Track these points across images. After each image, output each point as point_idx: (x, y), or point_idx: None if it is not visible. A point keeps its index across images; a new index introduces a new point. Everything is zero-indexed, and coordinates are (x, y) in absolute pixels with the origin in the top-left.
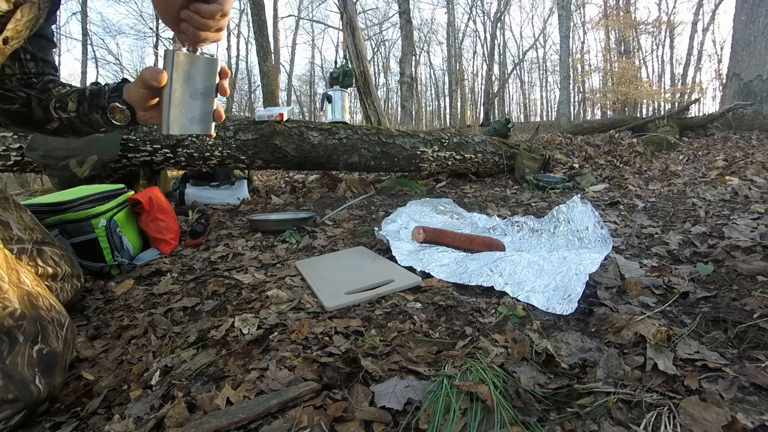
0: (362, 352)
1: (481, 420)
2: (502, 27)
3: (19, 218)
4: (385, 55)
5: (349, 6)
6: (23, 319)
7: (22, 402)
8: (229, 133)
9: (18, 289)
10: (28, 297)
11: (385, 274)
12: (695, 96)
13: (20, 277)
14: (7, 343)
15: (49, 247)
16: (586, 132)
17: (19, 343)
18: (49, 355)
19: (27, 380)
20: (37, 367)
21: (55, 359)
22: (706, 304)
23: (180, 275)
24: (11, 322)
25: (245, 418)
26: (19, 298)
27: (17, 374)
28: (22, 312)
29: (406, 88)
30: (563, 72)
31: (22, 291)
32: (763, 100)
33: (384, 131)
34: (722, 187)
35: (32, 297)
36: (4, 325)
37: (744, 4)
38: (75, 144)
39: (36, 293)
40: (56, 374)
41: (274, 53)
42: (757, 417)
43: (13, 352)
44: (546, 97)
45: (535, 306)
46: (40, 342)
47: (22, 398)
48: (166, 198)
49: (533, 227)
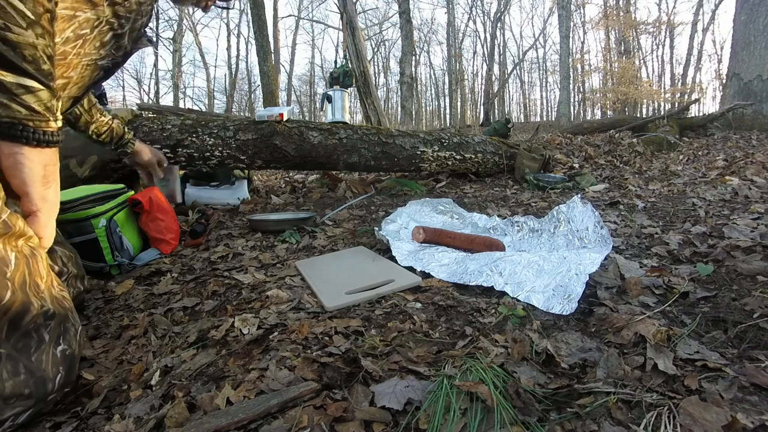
0: (362, 352)
1: (481, 420)
2: (502, 27)
3: None
4: (385, 55)
5: (349, 6)
6: (52, 319)
7: (34, 399)
8: (229, 133)
9: (49, 290)
10: (56, 300)
11: (385, 274)
12: (695, 96)
13: (53, 281)
14: (36, 341)
15: (60, 248)
16: (586, 132)
17: (45, 342)
18: (70, 355)
19: (47, 378)
20: (61, 365)
21: (73, 361)
22: (706, 304)
23: (180, 275)
24: (42, 321)
25: (245, 418)
26: (51, 299)
27: (39, 371)
28: (53, 312)
29: (406, 88)
30: (563, 72)
31: (52, 293)
32: (763, 100)
33: (384, 131)
34: (722, 187)
35: (59, 300)
36: (37, 323)
37: (744, 4)
38: (75, 144)
39: (61, 297)
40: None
41: (274, 53)
42: (757, 417)
43: (39, 350)
44: (546, 97)
45: (535, 306)
46: (63, 343)
47: (35, 395)
48: (166, 198)
49: (533, 227)
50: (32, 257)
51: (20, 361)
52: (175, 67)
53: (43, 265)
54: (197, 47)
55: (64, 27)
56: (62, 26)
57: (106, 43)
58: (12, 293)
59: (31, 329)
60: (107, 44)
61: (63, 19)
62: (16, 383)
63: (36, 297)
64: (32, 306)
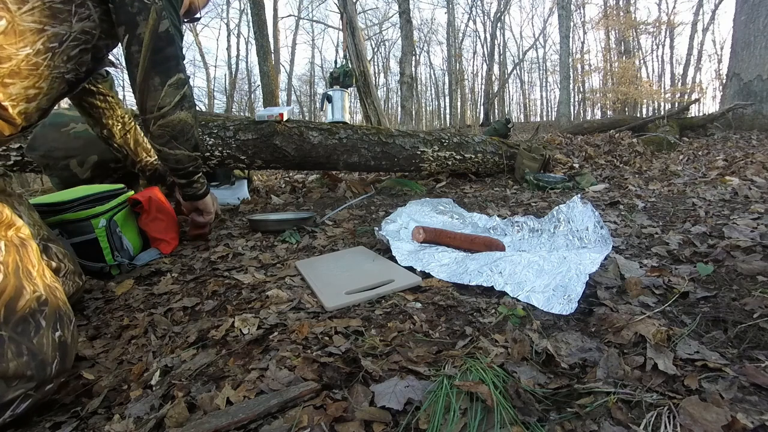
0: (362, 352)
1: (481, 420)
2: (502, 27)
3: (29, 215)
4: (385, 55)
5: (349, 6)
6: (46, 306)
7: (35, 382)
8: (229, 133)
9: (42, 279)
10: (51, 289)
11: (385, 274)
12: (695, 96)
13: (44, 271)
14: (33, 326)
15: (54, 245)
16: (586, 132)
17: (42, 327)
18: (64, 343)
19: (47, 362)
20: (58, 350)
21: (68, 348)
22: (706, 304)
23: (180, 275)
24: (37, 306)
25: (245, 418)
26: (43, 286)
27: (41, 354)
28: (46, 298)
29: (406, 88)
30: (563, 72)
31: (45, 281)
32: (763, 100)
33: (384, 131)
34: (722, 187)
35: (51, 288)
36: (32, 308)
37: (744, 4)
38: (75, 144)
39: (54, 286)
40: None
41: (274, 53)
42: (757, 417)
43: (39, 334)
44: (546, 97)
45: (535, 306)
46: (59, 329)
47: (36, 378)
48: (166, 198)
49: (533, 227)
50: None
51: (23, 344)
52: None
53: (34, 255)
54: (197, 47)
55: (35, 39)
56: (32, 38)
57: (72, 57)
58: (5, 277)
59: (27, 314)
60: (73, 59)
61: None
62: (20, 364)
63: (29, 282)
64: (25, 290)
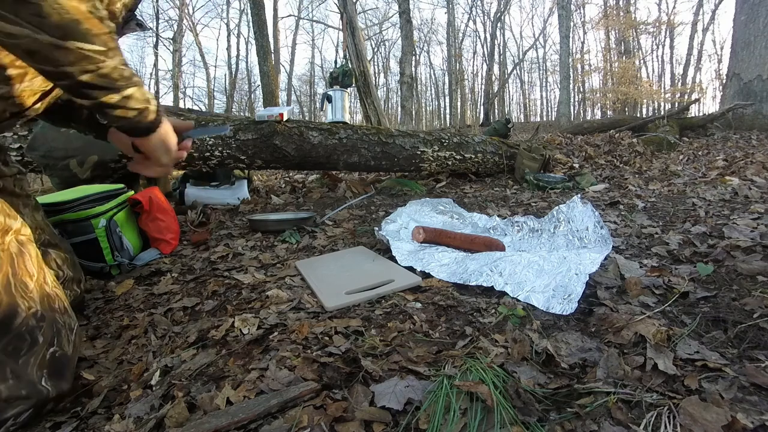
0: (362, 352)
1: (481, 420)
2: (502, 27)
3: (32, 217)
4: (385, 55)
5: (349, 6)
6: (43, 321)
7: (33, 399)
8: (229, 133)
9: (41, 289)
10: (48, 299)
11: (385, 274)
12: (695, 96)
13: (45, 277)
14: (28, 343)
15: (54, 250)
16: (586, 132)
17: (38, 344)
18: (61, 357)
19: (34, 381)
20: (46, 368)
21: (66, 362)
22: (706, 304)
23: (180, 275)
24: (34, 323)
25: (245, 418)
26: (40, 299)
27: (25, 375)
28: (42, 314)
29: (406, 88)
30: (563, 72)
31: (44, 292)
32: (763, 100)
33: (384, 131)
34: (722, 187)
35: (50, 299)
36: (28, 324)
37: (744, 4)
38: (75, 144)
39: (54, 295)
40: (66, 377)
41: (274, 53)
42: (757, 417)
43: (30, 353)
44: (546, 97)
45: (535, 306)
46: (55, 344)
47: (33, 395)
48: (166, 198)
49: (533, 227)
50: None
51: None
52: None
53: (33, 262)
54: (197, 47)
55: None
56: None
57: None
58: None
59: (24, 331)
60: None
61: None
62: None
63: (23, 298)
64: (20, 308)
